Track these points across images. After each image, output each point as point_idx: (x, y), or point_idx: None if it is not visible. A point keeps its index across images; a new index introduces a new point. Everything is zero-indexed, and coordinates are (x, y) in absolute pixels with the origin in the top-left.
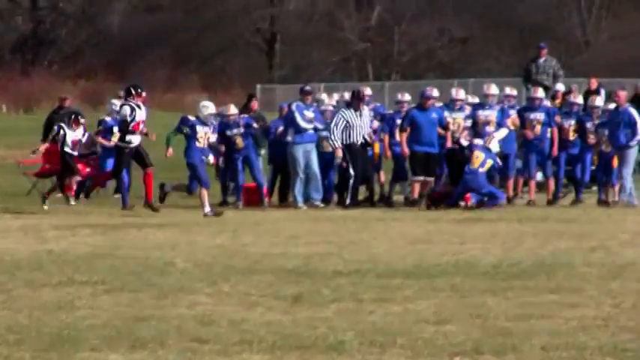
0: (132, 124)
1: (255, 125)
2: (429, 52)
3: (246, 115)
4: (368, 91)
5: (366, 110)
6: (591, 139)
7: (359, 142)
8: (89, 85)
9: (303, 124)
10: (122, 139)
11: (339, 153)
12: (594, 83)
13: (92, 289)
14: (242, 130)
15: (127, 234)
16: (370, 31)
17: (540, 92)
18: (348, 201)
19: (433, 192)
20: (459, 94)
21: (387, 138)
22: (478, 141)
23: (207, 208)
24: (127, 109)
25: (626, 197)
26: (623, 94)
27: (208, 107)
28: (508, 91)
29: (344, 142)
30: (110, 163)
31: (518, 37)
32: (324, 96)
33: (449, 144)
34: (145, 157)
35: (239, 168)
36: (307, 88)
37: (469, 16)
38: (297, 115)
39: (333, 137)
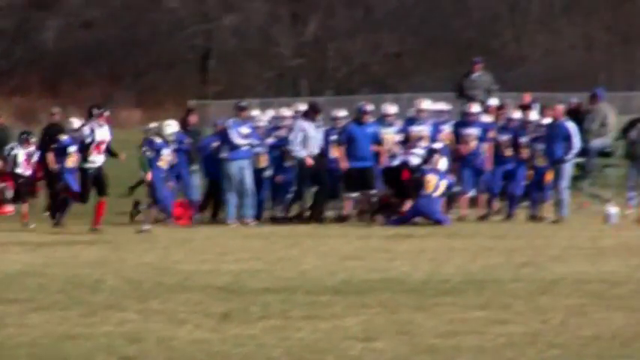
0: (93, 145)
1: (186, 141)
2: (363, 67)
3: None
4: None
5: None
6: (524, 153)
7: (315, 154)
8: (23, 101)
9: (238, 140)
10: (85, 159)
11: (310, 161)
12: (527, 98)
13: (21, 308)
14: (174, 146)
15: (57, 251)
16: (304, 46)
17: (475, 107)
18: (279, 214)
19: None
20: (391, 109)
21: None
22: (426, 165)
23: (147, 226)
24: (85, 130)
25: (564, 211)
26: (560, 108)
27: (171, 126)
28: (441, 106)
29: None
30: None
31: (453, 51)
32: (257, 112)
33: (383, 160)
34: (103, 185)
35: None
36: (242, 104)
37: (403, 31)
38: (233, 131)
39: (294, 148)
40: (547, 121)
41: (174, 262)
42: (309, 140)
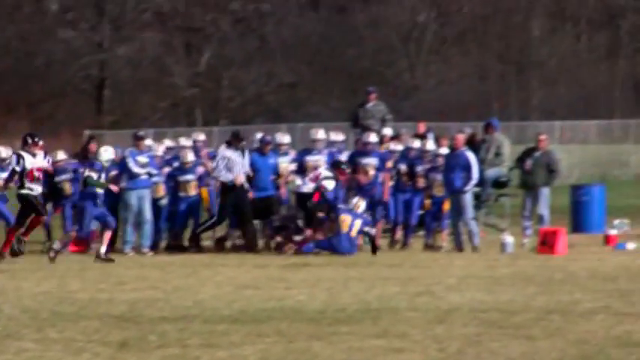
0: (26, 173)
1: (81, 170)
2: (258, 97)
3: (74, 161)
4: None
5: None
6: (420, 182)
7: (240, 182)
8: None
9: (136, 169)
10: (21, 187)
11: (241, 178)
12: (422, 127)
13: None
14: (70, 175)
15: None
16: (199, 76)
17: (373, 137)
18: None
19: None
20: (284, 138)
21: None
22: (342, 205)
23: (59, 246)
24: (13, 158)
25: (476, 241)
26: (460, 137)
27: (108, 151)
28: (333, 136)
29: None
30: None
31: (347, 81)
32: (150, 142)
33: (283, 190)
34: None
35: (67, 214)
36: (140, 133)
37: (297, 61)
38: (130, 160)
39: (220, 174)
40: (444, 150)
41: (71, 291)
42: (234, 167)
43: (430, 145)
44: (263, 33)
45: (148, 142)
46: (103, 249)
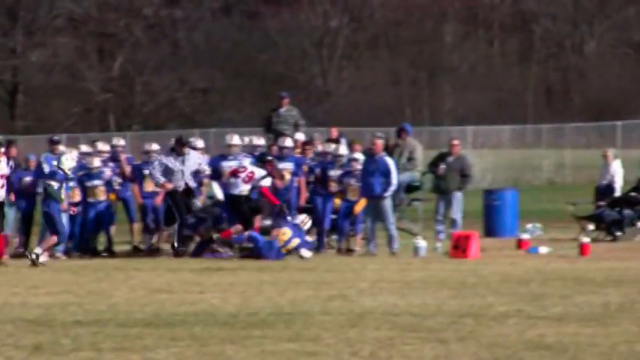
0: None
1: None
2: (170, 102)
3: None
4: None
5: (192, 155)
6: (333, 187)
7: (181, 188)
8: None
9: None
10: None
11: (168, 186)
12: (334, 132)
13: None
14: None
15: None
16: (112, 81)
17: (289, 142)
18: (176, 244)
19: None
20: (198, 143)
21: (136, 188)
22: (289, 218)
23: (40, 251)
24: None
25: (395, 246)
26: (380, 143)
27: (69, 159)
28: (255, 140)
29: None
30: None
31: (260, 87)
32: (62, 147)
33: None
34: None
35: None
36: (55, 138)
37: (210, 67)
38: (46, 165)
39: (156, 179)
40: (358, 155)
41: None
42: (172, 174)
43: (342, 149)
44: (175, 38)
45: (62, 147)
46: (39, 250)
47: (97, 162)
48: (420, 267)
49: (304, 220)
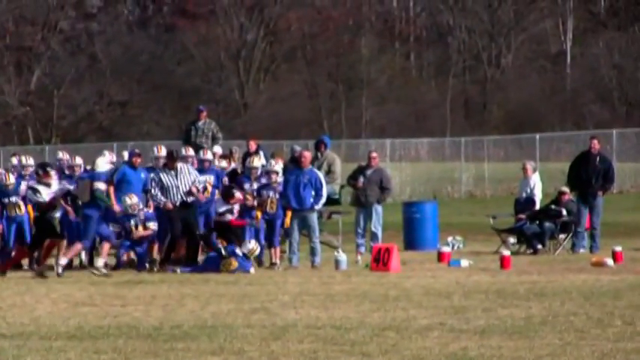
0: None
1: None
2: (89, 115)
3: None
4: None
5: (185, 168)
6: (250, 200)
7: (177, 202)
8: None
9: None
10: None
11: (169, 205)
12: (253, 145)
13: None
14: None
15: None
16: (30, 95)
17: (209, 154)
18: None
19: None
20: (207, 155)
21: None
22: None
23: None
24: None
25: (318, 259)
26: (308, 155)
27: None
28: (183, 152)
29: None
30: None
31: (178, 99)
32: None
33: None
34: None
35: None
36: None
37: (128, 80)
38: None
39: (157, 200)
40: (279, 167)
41: None
42: (167, 190)
43: (257, 162)
44: (93, 52)
45: None
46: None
47: (11, 178)
48: (342, 280)
49: (253, 248)
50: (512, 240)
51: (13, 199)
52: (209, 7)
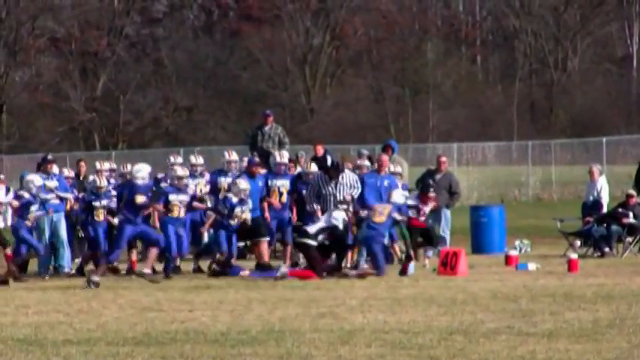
0: None
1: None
2: (155, 120)
3: None
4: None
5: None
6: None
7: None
8: None
9: (43, 195)
10: None
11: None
12: (320, 150)
13: None
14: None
15: None
16: (95, 101)
17: (285, 158)
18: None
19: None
20: (198, 160)
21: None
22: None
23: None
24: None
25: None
26: (385, 159)
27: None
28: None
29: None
30: None
31: (243, 105)
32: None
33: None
34: None
35: None
36: (49, 157)
37: (193, 85)
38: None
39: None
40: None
41: None
42: (325, 197)
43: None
44: (158, 57)
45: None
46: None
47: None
48: (409, 284)
49: None
50: (579, 243)
51: (104, 202)
52: (274, 11)
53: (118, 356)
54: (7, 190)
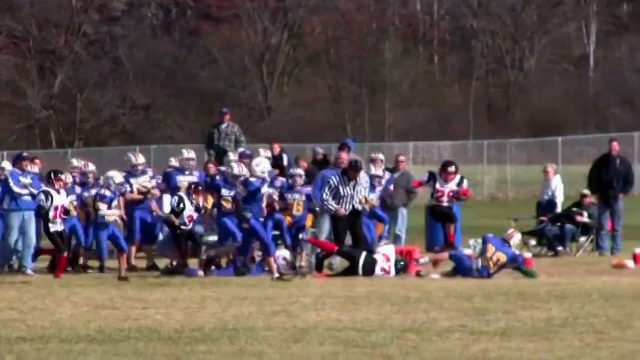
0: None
1: None
2: (112, 119)
3: None
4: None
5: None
6: (276, 205)
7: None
8: None
9: (17, 189)
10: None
11: (342, 212)
12: (277, 148)
13: None
14: None
15: None
16: (53, 98)
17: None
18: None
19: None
20: (139, 159)
21: None
22: None
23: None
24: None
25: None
26: (344, 156)
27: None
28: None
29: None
30: None
31: (201, 103)
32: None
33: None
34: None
35: None
36: (24, 154)
37: (151, 84)
38: (12, 181)
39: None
40: (300, 171)
41: None
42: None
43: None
44: (116, 55)
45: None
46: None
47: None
48: (364, 282)
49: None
50: (533, 242)
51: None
52: (233, 10)
53: (71, 353)
54: None
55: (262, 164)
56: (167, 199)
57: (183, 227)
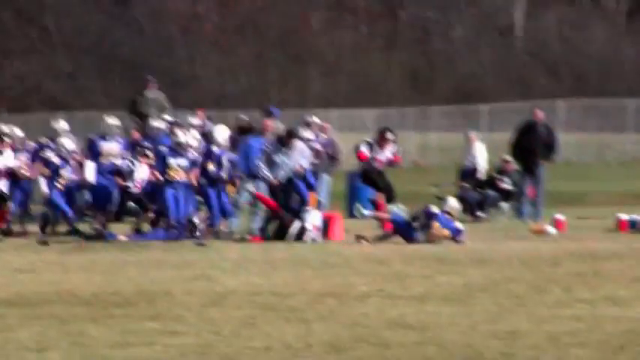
0: None
1: None
2: (37, 86)
3: None
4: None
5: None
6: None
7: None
8: None
9: None
10: None
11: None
12: (201, 116)
13: None
14: None
15: None
16: None
17: (161, 123)
18: None
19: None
20: (64, 125)
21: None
22: None
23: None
24: None
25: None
26: (269, 123)
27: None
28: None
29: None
30: None
31: (127, 71)
32: None
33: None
34: None
35: None
36: None
37: (78, 51)
38: None
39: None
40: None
41: None
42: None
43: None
44: (42, 23)
45: None
46: None
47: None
48: (284, 247)
49: None
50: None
51: None
52: None
53: None
54: None
55: (223, 133)
56: (90, 165)
57: (130, 190)
